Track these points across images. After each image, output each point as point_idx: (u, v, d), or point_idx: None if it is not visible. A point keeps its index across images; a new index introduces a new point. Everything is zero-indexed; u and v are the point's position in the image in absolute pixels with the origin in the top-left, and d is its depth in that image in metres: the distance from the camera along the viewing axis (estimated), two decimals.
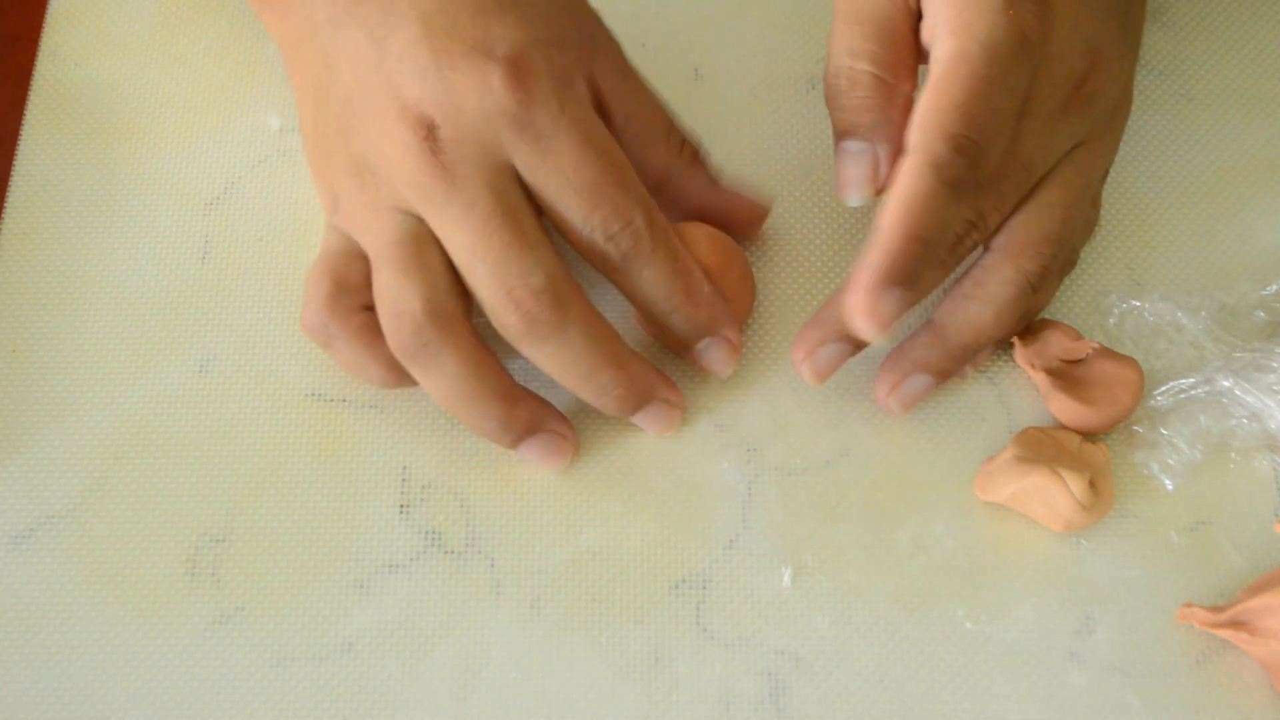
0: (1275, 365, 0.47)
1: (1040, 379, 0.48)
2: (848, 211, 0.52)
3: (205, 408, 0.49)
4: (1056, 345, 0.48)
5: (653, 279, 0.45)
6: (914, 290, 0.43)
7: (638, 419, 0.47)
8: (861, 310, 0.43)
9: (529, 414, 0.46)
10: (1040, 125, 0.44)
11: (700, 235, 0.47)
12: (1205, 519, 0.47)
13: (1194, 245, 0.52)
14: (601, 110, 0.46)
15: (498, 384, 0.45)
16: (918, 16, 0.46)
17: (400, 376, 0.46)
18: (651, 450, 0.48)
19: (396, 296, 0.44)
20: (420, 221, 0.44)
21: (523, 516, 0.47)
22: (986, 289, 0.46)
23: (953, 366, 0.47)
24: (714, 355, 0.47)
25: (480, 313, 0.45)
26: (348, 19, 0.45)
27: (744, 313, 0.49)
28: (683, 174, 0.48)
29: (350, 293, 0.45)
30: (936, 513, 0.47)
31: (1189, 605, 0.44)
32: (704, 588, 0.46)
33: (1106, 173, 0.49)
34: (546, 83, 0.43)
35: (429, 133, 0.43)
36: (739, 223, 0.50)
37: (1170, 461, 0.47)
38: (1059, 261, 0.46)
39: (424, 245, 0.44)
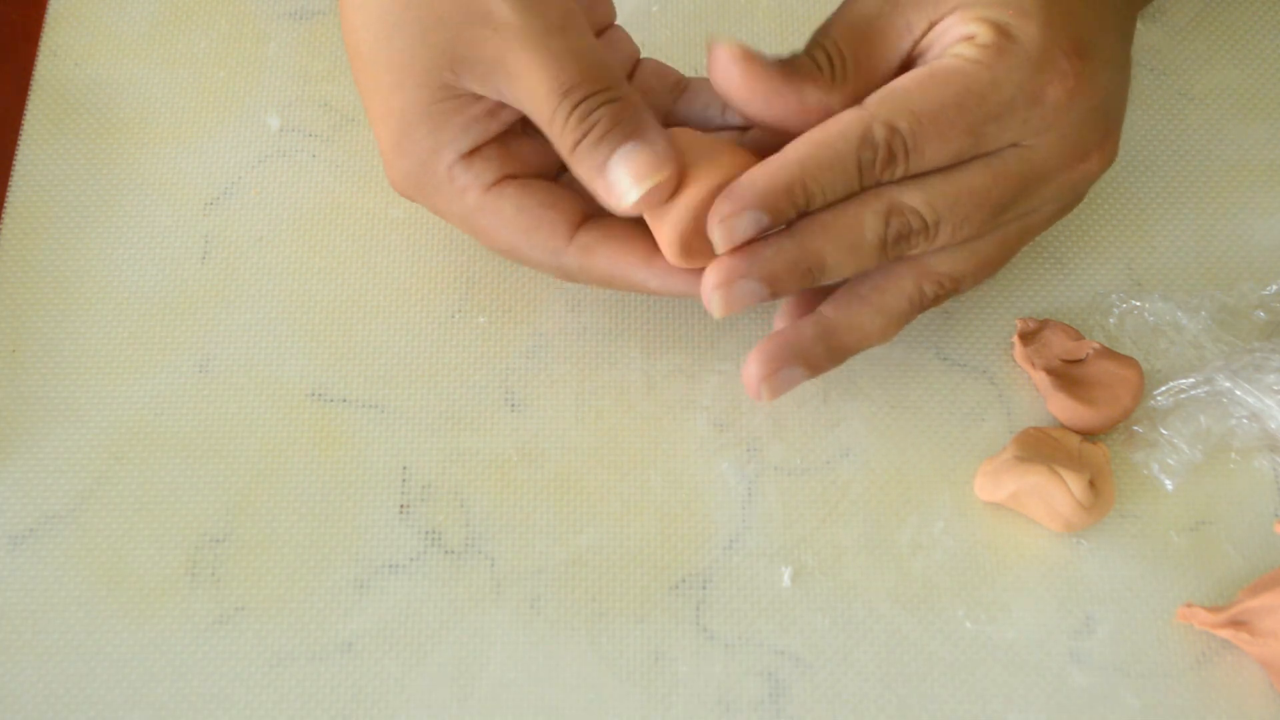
0: (1275, 365, 0.47)
1: (1040, 379, 0.48)
2: None
3: (205, 408, 0.49)
4: (1057, 345, 0.48)
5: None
6: (774, 222, 0.42)
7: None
8: (718, 218, 0.42)
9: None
10: (1018, 174, 0.43)
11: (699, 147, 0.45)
12: (1205, 519, 0.47)
13: (1194, 245, 0.52)
14: None
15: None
16: (908, 61, 0.45)
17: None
18: (651, 450, 0.48)
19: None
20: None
21: (523, 516, 0.47)
22: (883, 297, 0.45)
23: (828, 366, 0.45)
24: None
25: None
26: None
27: None
28: None
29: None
30: (936, 513, 0.47)
31: (1189, 605, 0.44)
32: (704, 588, 0.46)
33: (1045, 227, 0.47)
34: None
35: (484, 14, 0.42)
36: None
37: (1170, 461, 0.47)
38: (959, 293, 0.46)
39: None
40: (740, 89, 0.42)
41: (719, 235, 0.42)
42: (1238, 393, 0.47)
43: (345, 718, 0.44)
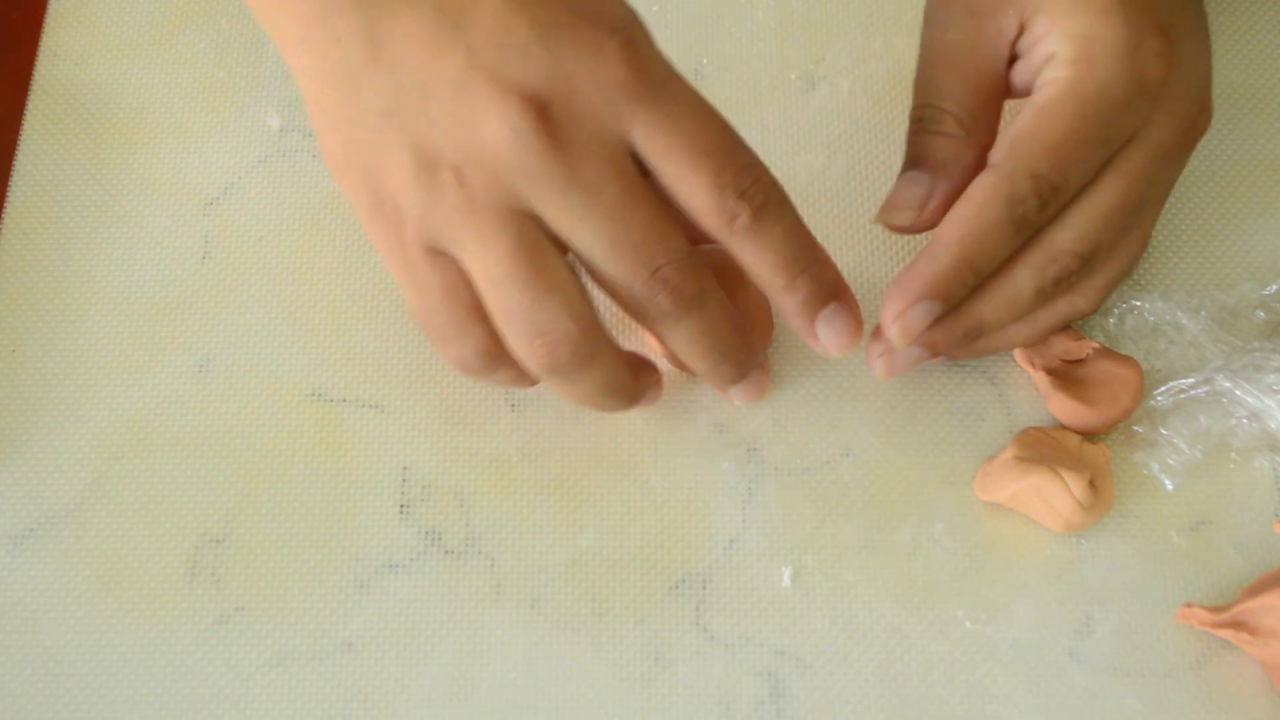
0: (1275, 365, 0.47)
1: (1040, 379, 0.48)
2: (848, 212, 0.52)
3: (205, 408, 0.49)
4: (1057, 345, 0.48)
5: (785, 236, 0.41)
6: (948, 305, 0.44)
7: (735, 391, 0.46)
8: (893, 315, 0.43)
9: (647, 373, 0.46)
10: (1145, 166, 0.44)
11: (724, 257, 0.47)
12: (1205, 519, 0.47)
13: (1194, 245, 0.52)
14: None
15: (628, 366, 0.44)
16: (1010, 61, 0.46)
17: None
18: (651, 450, 0.48)
19: (538, 319, 0.40)
20: (530, 218, 0.40)
21: (523, 516, 0.47)
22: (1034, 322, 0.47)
23: (951, 348, 0.46)
24: (840, 323, 0.43)
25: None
26: None
27: (767, 333, 0.49)
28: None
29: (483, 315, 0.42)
30: (936, 513, 0.47)
31: (1189, 605, 0.45)
32: (704, 588, 0.46)
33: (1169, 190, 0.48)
34: (654, 50, 0.40)
35: (541, 113, 0.38)
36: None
37: (1170, 461, 0.47)
38: (1107, 295, 0.47)
39: (544, 249, 0.40)
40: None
41: (897, 331, 0.43)
42: (1238, 393, 0.47)
43: (345, 718, 0.44)
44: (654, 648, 0.45)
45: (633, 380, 0.44)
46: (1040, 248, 0.44)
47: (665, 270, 0.40)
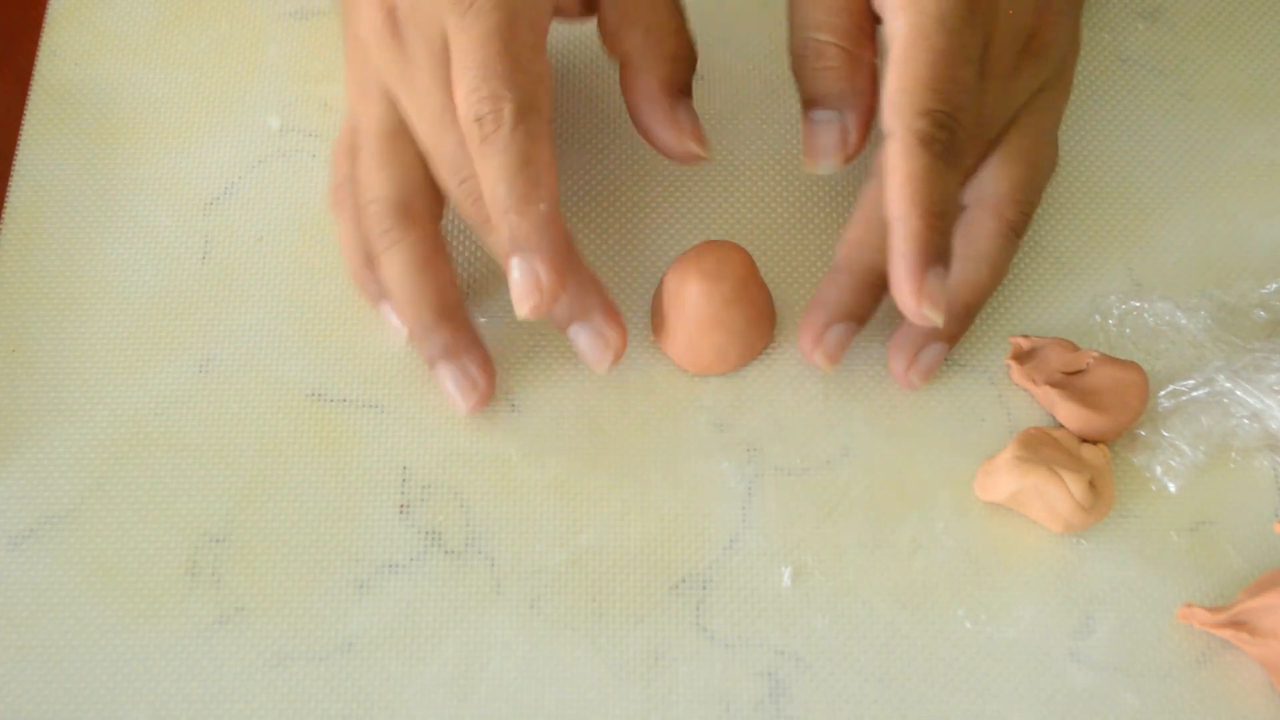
0: (1276, 365, 0.47)
1: (1045, 394, 0.48)
2: (845, 209, 0.52)
3: (205, 408, 0.49)
4: (1055, 359, 0.48)
5: (497, 170, 0.43)
6: (946, 263, 0.44)
7: (574, 334, 0.47)
8: (913, 295, 0.43)
9: (455, 337, 0.47)
10: (998, 84, 0.46)
11: (728, 257, 0.47)
12: (1205, 519, 0.47)
13: (1194, 245, 0.52)
14: None
15: (441, 292, 0.46)
16: None
17: (366, 272, 0.48)
18: (652, 450, 0.48)
19: (370, 184, 0.46)
20: (397, 105, 0.46)
21: (523, 516, 0.47)
22: (977, 246, 0.48)
23: (960, 329, 0.48)
24: (520, 279, 0.43)
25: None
26: None
27: (759, 343, 0.49)
28: (645, 62, 0.49)
29: None
30: (936, 513, 0.47)
31: (1189, 605, 0.44)
32: (704, 588, 0.46)
33: (1061, 114, 0.50)
34: None
35: (389, 14, 0.45)
36: (661, 145, 0.49)
37: (1173, 463, 0.47)
38: (1032, 205, 0.48)
39: (400, 135, 0.46)
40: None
41: (929, 306, 0.43)
42: (1238, 393, 0.47)
43: (345, 718, 0.44)
44: (654, 648, 0.45)
45: (441, 309, 0.46)
46: (982, 196, 0.47)
47: (471, 182, 0.44)
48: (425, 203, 0.46)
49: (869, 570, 0.46)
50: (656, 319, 0.48)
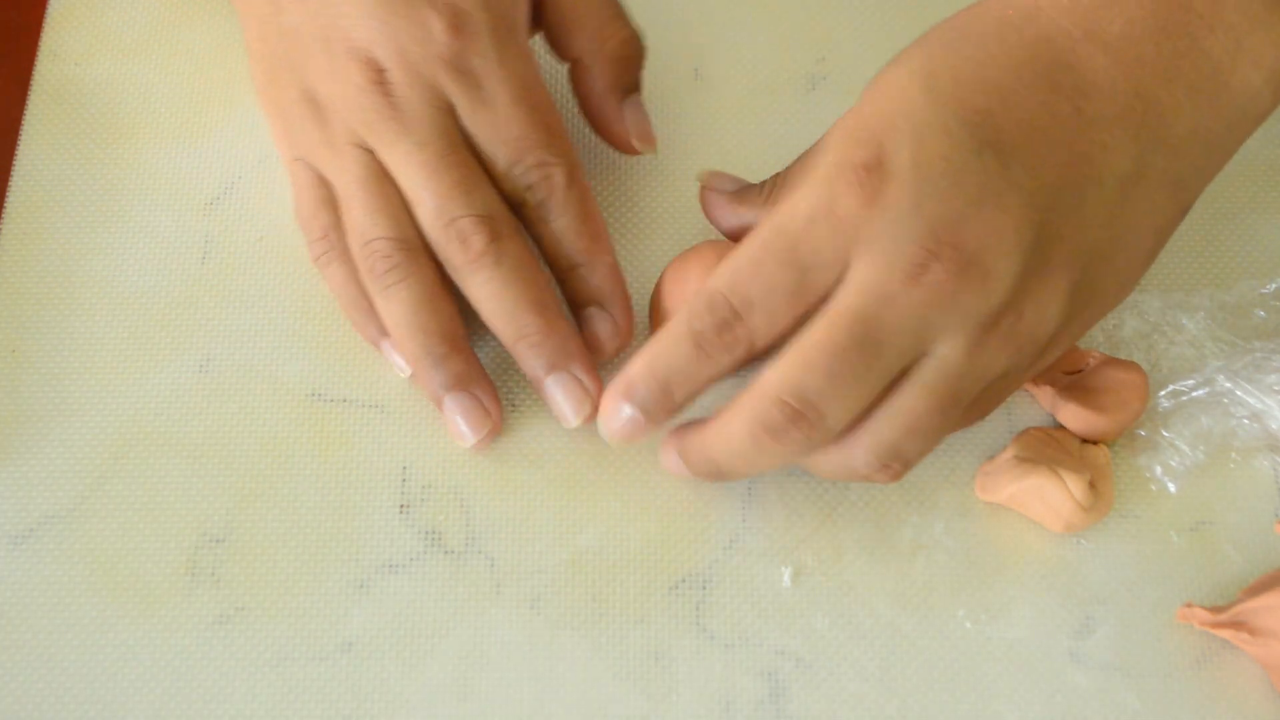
0: (1276, 365, 0.47)
1: (1045, 393, 0.48)
2: None
3: (205, 408, 0.49)
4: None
5: (564, 229, 0.47)
6: (649, 418, 0.43)
7: (549, 385, 0.47)
8: (602, 416, 0.44)
9: (464, 368, 0.47)
10: (852, 305, 0.40)
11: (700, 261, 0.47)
12: (1205, 519, 0.47)
13: (1194, 245, 0.52)
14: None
15: (447, 324, 0.47)
16: None
17: (365, 315, 0.48)
18: (652, 450, 0.48)
19: (367, 227, 0.46)
20: (372, 153, 0.47)
21: (523, 516, 0.47)
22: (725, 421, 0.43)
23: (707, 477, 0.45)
24: (601, 326, 0.48)
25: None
26: None
27: None
28: (594, 65, 0.50)
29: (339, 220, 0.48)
30: (936, 513, 0.47)
31: (1189, 605, 0.45)
32: (704, 588, 0.46)
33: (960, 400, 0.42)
34: (485, 34, 0.46)
35: (379, 75, 0.46)
36: (614, 142, 0.51)
37: (1173, 464, 0.47)
38: (807, 416, 0.41)
39: (384, 181, 0.47)
40: (708, 209, 0.47)
41: (603, 428, 0.44)
42: (1238, 393, 0.47)
43: (345, 718, 0.44)
44: (654, 648, 0.45)
45: (446, 344, 0.47)
46: (752, 387, 0.41)
47: (461, 222, 0.46)
48: (422, 239, 0.47)
49: (869, 570, 0.46)
50: (655, 317, 0.48)
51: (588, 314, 0.48)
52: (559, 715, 0.44)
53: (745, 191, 0.46)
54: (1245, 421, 0.47)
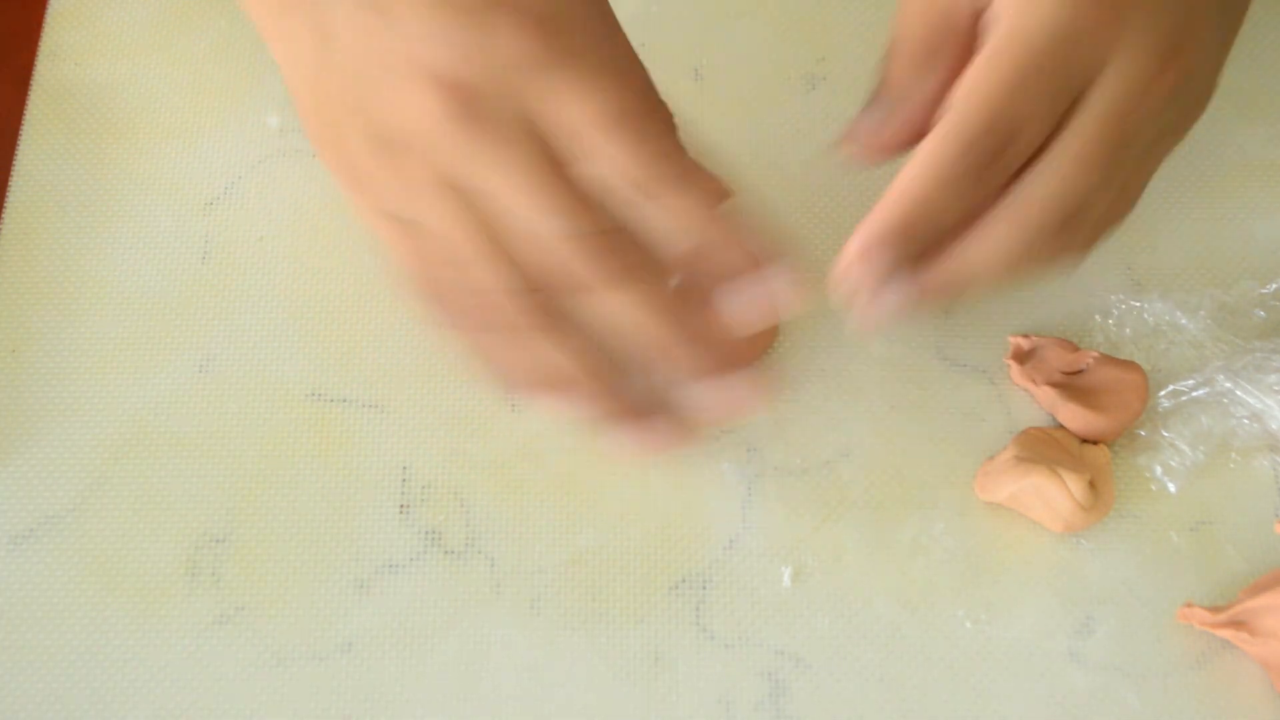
0: (1276, 365, 0.47)
1: (1045, 394, 0.48)
2: (847, 211, 0.52)
3: (205, 408, 0.49)
4: (1054, 359, 0.48)
5: (683, 206, 0.42)
6: (903, 253, 0.41)
7: (698, 393, 0.44)
8: (848, 260, 0.41)
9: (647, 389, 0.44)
10: (1114, 105, 0.41)
11: None
12: (1205, 519, 0.47)
13: (1194, 245, 0.52)
14: None
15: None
16: (978, 13, 0.44)
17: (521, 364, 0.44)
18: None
19: (498, 278, 0.42)
20: (468, 194, 0.42)
21: (523, 516, 0.47)
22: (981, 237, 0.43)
23: (936, 301, 0.44)
24: (774, 288, 0.43)
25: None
26: None
27: (761, 349, 0.49)
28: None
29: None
30: (936, 513, 0.47)
31: (1189, 605, 0.45)
32: (704, 588, 0.46)
33: (1162, 158, 0.45)
34: (579, 36, 0.41)
35: (462, 97, 0.40)
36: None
37: (1173, 464, 0.47)
38: (1073, 215, 0.42)
39: (489, 224, 0.42)
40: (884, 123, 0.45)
41: (854, 277, 0.41)
42: (1238, 393, 0.47)
43: (345, 718, 0.44)
44: (654, 648, 0.45)
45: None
46: (1016, 197, 0.41)
47: (592, 239, 0.41)
48: (548, 271, 0.42)
49: (869, 570, 0.46)
50: None
51: (725, 291, 0.43)
52: (559, 715, 0.44)
53: (928, 58, 0.44)
54: (1245, 421, 0.47)
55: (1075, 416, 0.47)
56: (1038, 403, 0.48)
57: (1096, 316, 0.50)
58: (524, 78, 0.40)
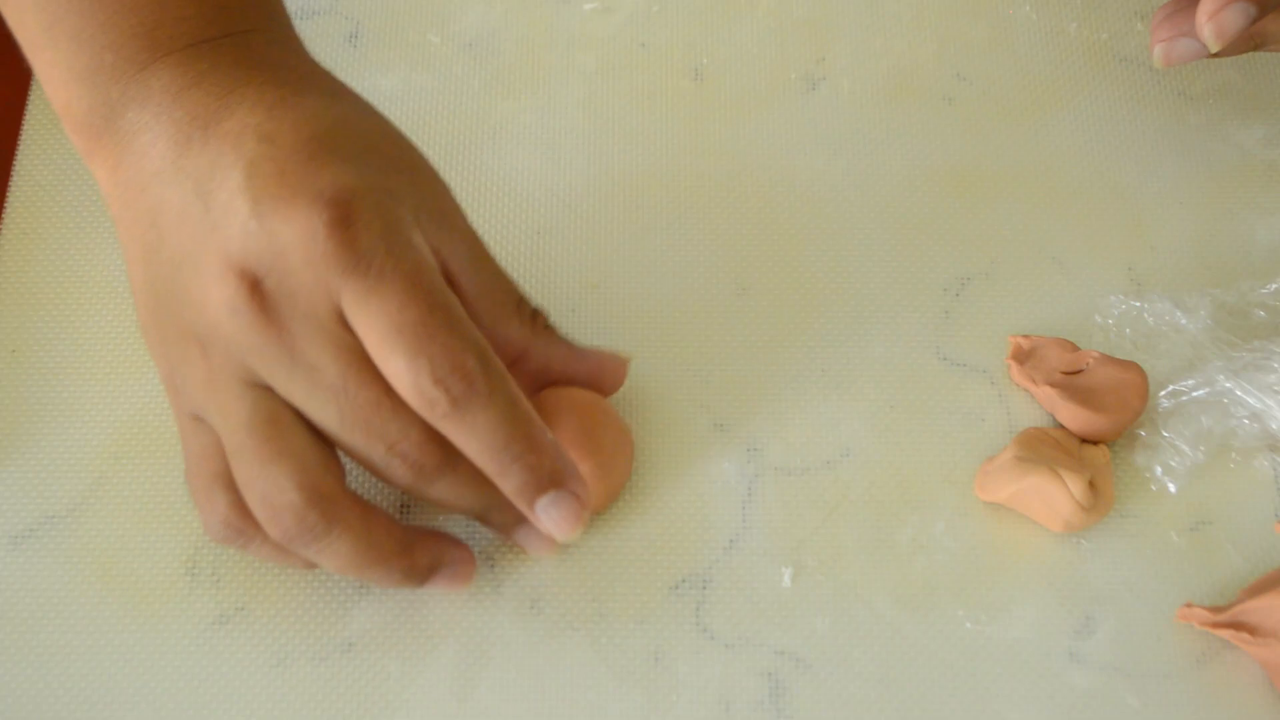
0: (1276, 365, 0.47)
1: (1045, 393, 0.48)
2: (848, 212, 0.52)
3: None
4: (1055, 359, 0.48)
5: (490, 425, 0.40)
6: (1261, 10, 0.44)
7: (541, 506, 0.42)
8: (1208, 14, 0.43)
9: (428, 555, 0.43)
10: None
11: (566, 401, 0.46)
12: (1205, 519, 0.47)
13: (1194, 245, 0.52)
14: (449, 284, 0.42)
15: (393, 542, 0.42)
16: None
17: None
18: (651, 450, 0.48)
19: (268, 489, 0.40)
20: (266, 390, 0.41)
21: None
22: None
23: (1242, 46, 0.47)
24: (557, 514, 0.42)
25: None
26: (174, 173, 0.40)
27: (622, 478, 0.47)
28: (541, 346, 0.45)
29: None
30: (936, 513, 0.47)
31: (1189, 605, 0.44)
32: (704, 588, 0.46)
33: None
34: (377, 225, 0.40)
35: (253, 289, 0.39)
36: (604, 384, 0.47)
37: (1173, 464, 0.47)
38: None
39: (279, 422, 0.40)
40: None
41: (1210, 33, 0.44)
42: (1238, 393, 0.47)
43: (345, 718, 0.44)
44: (654, 648, 0.45)
45: (402, 556, 0.42)
46: None
47: (401, 446, 0.40)
48: (335, 476, 0.41)
49: (869, 570, 0.46)
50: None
51: (542, 504, 0.42)
52: (559, 715, 0.44)
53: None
54: (1245, 422, 0.47)
55: (1075, 416, 0.47)
56: (1038, 402, 0.48)
57: (1096, 317, 0.50)
58: (320, 275, 0.39)
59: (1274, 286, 0.50)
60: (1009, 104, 0.55)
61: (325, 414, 0.40)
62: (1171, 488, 0.47)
